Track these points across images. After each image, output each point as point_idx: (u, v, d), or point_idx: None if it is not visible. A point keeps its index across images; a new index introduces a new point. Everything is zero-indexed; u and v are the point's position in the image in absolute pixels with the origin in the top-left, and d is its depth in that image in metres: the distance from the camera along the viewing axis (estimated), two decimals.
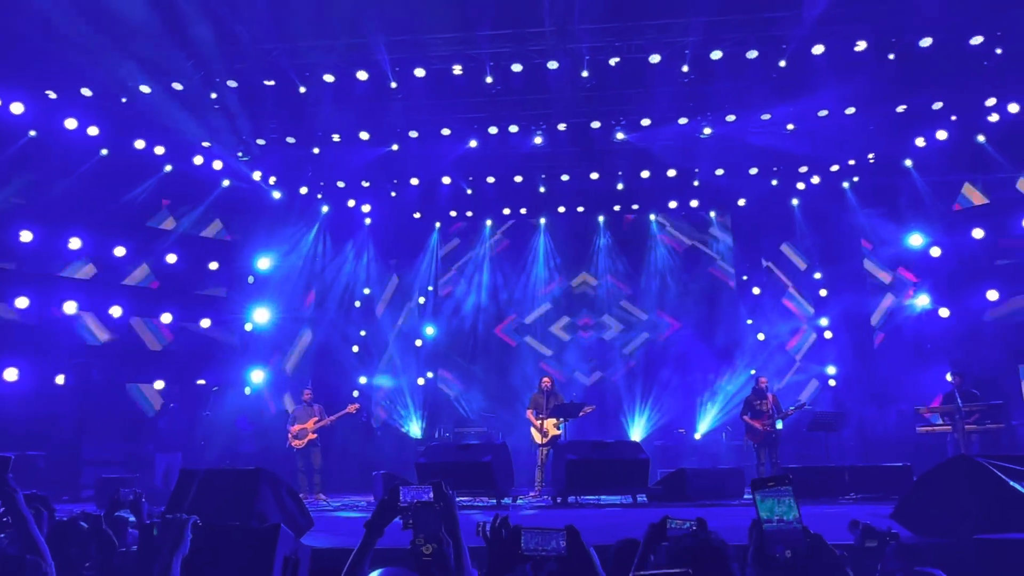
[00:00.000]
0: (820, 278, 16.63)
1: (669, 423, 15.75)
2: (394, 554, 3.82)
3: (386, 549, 3.34)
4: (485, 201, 16.58)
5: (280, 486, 5.58)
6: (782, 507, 2.17)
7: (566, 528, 2.27)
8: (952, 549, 4.33)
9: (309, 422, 12.29)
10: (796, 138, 13.99)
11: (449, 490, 3.16)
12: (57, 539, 4.62)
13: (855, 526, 3.76)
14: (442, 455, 10.49)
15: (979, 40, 11.60)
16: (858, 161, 15.05)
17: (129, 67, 11.86)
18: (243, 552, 3.89)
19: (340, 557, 4.81)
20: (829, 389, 15.86)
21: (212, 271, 14.83)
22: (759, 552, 2.33)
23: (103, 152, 13.09)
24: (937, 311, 13.99)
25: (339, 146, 14.40)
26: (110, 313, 13.25)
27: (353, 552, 3.13)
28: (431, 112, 13.45)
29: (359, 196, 16.54)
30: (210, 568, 3.67)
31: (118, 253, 13.43)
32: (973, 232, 13.48)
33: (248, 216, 15.31)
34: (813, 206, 16.43)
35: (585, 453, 10.08)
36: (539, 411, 11.74)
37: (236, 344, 14.77)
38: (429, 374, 17.03)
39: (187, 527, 2.84)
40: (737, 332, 16.69)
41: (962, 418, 10.54)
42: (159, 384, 13.61)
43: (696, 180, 15.80)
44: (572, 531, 2.25)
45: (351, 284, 17.01)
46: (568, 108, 13.58)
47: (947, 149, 13.52)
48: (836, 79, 12.30)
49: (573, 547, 2.22)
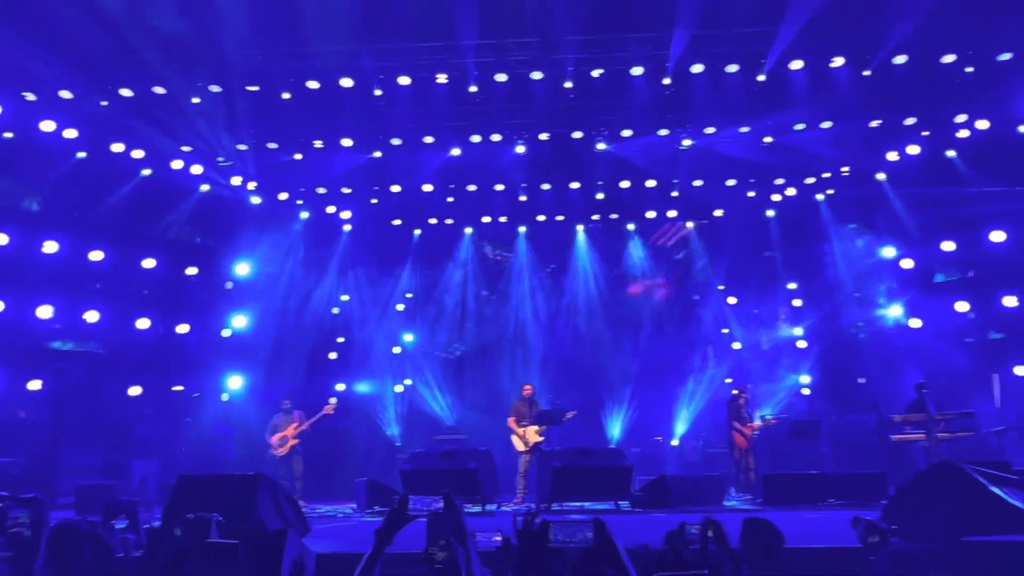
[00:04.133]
0: (795, 288, 16.94)
1: (647, 430, 15.90)
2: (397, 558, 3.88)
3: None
4: (466, 209, 16.64)
5: (278, 492, 5.58)
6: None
7: (593, 520, 2.35)
8: (942, 552, 4.48)
9: (289, 428, 12.23)
10: (773, 151, 14.28)
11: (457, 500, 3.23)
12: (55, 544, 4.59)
13: (857, 523, 3.89)
14: (427, 462, 10.50)
15: (951, 58, 11.99)
16: (833, 174, 15.39)
17: (110, 70, 11.79)
18: (252, 556, 3.90)
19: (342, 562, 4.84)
20: (803, 398, 16.14)
21: (190, 276, 14.68)
22: None
23: (80, 155, 12.93)
24: (908, 322, 14.34)
25: (321, 152, 14.37)
26: (85, 318, 13.05)
27: (364, 557, 3.18)
28: (415, 120, 13.50)
29: (339, 203, 16.50)
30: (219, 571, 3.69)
31: (95, 257, 13.24)
32: (944, 245, 13.85)
33: (227, 222, 15.17)
34: (788, 217, 16.76)
35: (570, 460, 10.16)
36: (521, 418, 11.79)
37: (214, 350, 14.61)
38: (407, 381, 17.00)
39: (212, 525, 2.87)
40: (714, 341, 16.92)
41: (934, 426, 10.81)
42: (136, 390, 13.42)
43: (675, 191, 16.03)
44: (599, 523, 2.34)
45: (330, 290, 16.94)
46: (551, 118, 13.72)
47: (919, 163, 13.88)
48: (813, 94, 12.63)
49: (600, 538, 2.30)
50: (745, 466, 12.32)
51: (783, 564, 3.82)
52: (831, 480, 10.40)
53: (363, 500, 10.52)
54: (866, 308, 15.56)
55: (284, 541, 4.13)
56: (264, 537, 4.07)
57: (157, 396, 13.60)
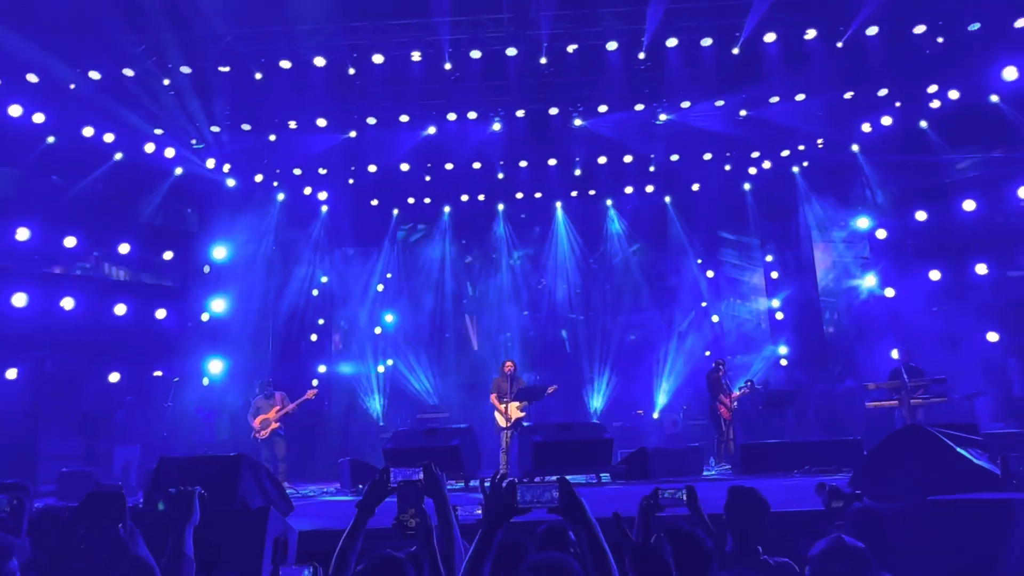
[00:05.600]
0: (771, 261, 17.15)
1: (629, 404, 16.10)
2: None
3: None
4: (443, 187, 16.62)
5: (261, 472, 5.64)
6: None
7: (558, 480, 2.40)
8: (908, 511, 4.64)
9: (271, 412, 12.25)
10: (748, 124, 14.38)
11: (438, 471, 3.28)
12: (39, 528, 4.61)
13: (822, 488, 3.99)
14: (409, 440, 10.58)
15: (922, 29, 12.09)
16: (807, 146, 15.53)
17: (77, 52, 11.60)
18: (235, 533, 3.97)
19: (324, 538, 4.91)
20: (781, 368, 16.40)
21: (167, 261, 14.57)
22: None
23: (50, 140, 12.74)
24: (883, 291, 14.56)
25: (296, 133, 14.29)
26: (62, 305, 12.93)
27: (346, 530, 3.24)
28: (389, 99, 13.44)
29: (316, 184, 16.43)
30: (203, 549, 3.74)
31: (68, 243, 13.10)
32: (917, 215, 14.05)
33: (203, 205, 15.09)
34: (764, 190, 16.92)
35: (551, 435, 10.29)
36: (502, 395, 11.90)
37: (193, 334, 14.56)
38: (389, 361, 17.05)
39: (195, 499, 2.92)
40: (693, 315, 17.11)
41: (908, 393, 11.04)
42: (115, 376, 13.37)
43: (652, 166, 16.12)
44: (564, 482, 2.39)
45: (308, 272, 16.91)
46: (526, 95, 13.71)
47: (892, 134, 14.03)
48: (787, 66, 12.70)
49: (566, 496, 2.36)
50: (726, 436, 12.54)
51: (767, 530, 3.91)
52: (807, 448, 10.60)
53: (347, 480, 10.59)
54: (841, 279, 15.77)
55: (266, 518, 4.20)
56: (247, 515, 4.13)
57: (137, 382, 13.54)
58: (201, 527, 3.13)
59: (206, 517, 3.11)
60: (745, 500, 4.04)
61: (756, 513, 3.99)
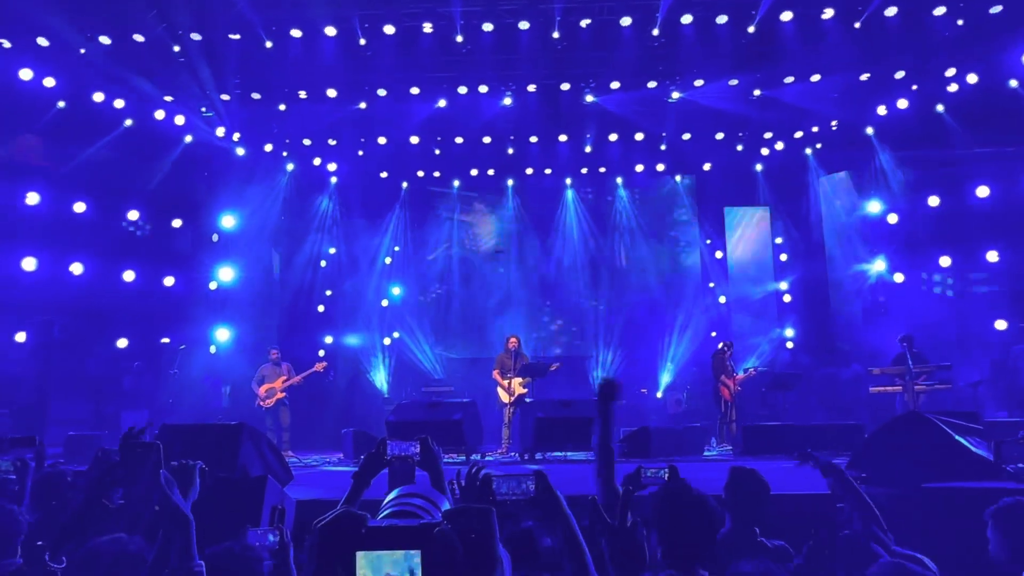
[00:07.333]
0: (781, 243, 17.07)
1: (633, 383, 16.13)
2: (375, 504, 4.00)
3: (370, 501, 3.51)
4: (453, 161, 16.56)
5: (261, 441, 5.71)
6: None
7: (535, 473, 2.40)
8: (902, 497, 4.66)
9: (277, 381, 12.37)
10: (762, 104, 14.23)
11: (435, 446, 3.29)
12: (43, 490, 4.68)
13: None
14: (412, 413, 10.66)
15: (942, 11, 11.88)
16: (821, 128, 15.36)
17: (87, 16, 11.56)
18: (232, 501, 4.03)
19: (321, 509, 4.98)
20: (787, 351, 16.38)
21: (176, 228, 14.64)
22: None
23: (60, 104, 12.75)
24: (893, 276, 14.49)
25: (306, 103, 14.21)
26: (71, 270, 13.04)
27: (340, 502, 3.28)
28: (400, 70, 13.36)
29: (325, 154, 16.40)
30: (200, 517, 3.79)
31: (78, 209, 13.18)
32: (930, 200, 13.93)
33: (212, 173, 15.09)
34: (776, 171, 16.78)
35: (552, 411, 10.35)
36: (505, 371, 11.96)
37: (201, 302, 14.66)
38: (396, 334, 17.13)
39: (196, 473, 2.95)
40: (700, 295, 17.08)
41: (912, 379, 11.02)
42: (123, 342, 13.50)
43: (663, 144, 16.01)
44: (540, 475, 2.39)
45: (317, 243, 16.95)
46: (538, 69, 13.60)
47: (907, 118, 13.86)
48: (803, 46, 12.52)
49: (541, 490, 2.36)
50: (728, 418, 12.59)
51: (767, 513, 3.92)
52: (809, 431, 10.62)
53: (350, 450, 10.70)
54: (850, 262, 15.68)
55: (264, 487, 4.26)
56: (245, 483, 4.19)
57: (144, 348, 13.67)
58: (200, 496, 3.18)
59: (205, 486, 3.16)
60: (745, 481, 4.05)
61: (756, 495, 4.00)
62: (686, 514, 2.93)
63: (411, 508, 2.12)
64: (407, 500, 2.17)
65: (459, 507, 1.78)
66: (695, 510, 2.97)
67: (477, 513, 1.65)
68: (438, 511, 2.16)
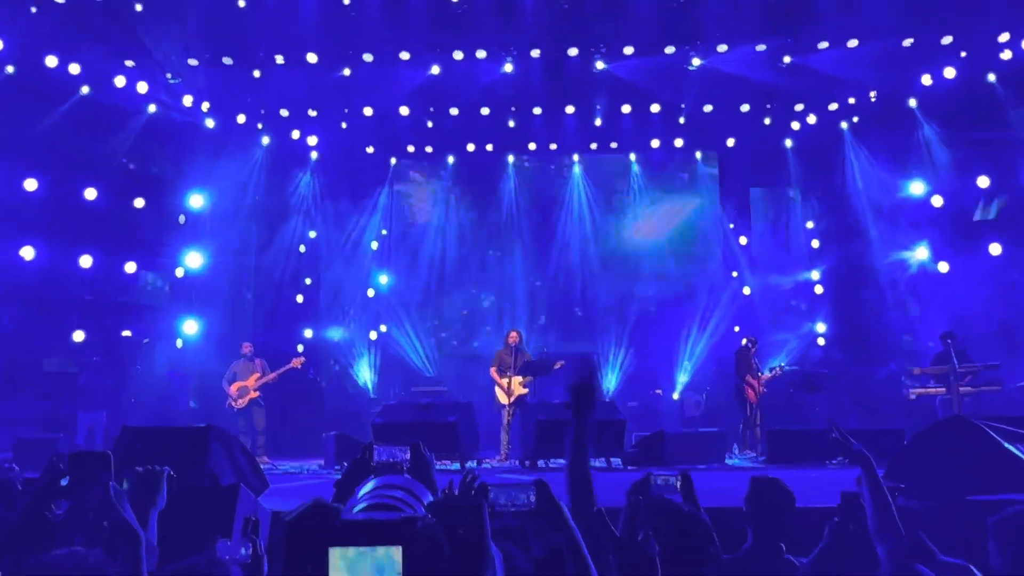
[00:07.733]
0: (812, 228, 17.04)
1: (647, 383, 16.17)
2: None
3: None
4: (447, 135, 16.54)
5: (232, 443, 5.73)
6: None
7: (535, 482, 2.40)
8: (945, 510, 4.67)
9: (250, 379, 12.40)
10: (792, 73, 14.18)
11: (428, 452, 3.29)
12: None
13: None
14: (401, 415, 10.69)
15: None
16: (859, 100, 15.30)
17: None
18: (201, 512, 4.04)
19: None
20: (818, 347, 16.39)
21: (138, 209, 14.62)
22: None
23: (8, 70, 12.70)
24: (937, 265, 14.47)
25: (283, 69, 14.15)
26: (21, 255, 13.02)
27: None
28: (388, 32, 13.30)
29: (305, 126, 16.34)
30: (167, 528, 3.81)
31: (29, 187, 13.13)
32: (979, 180, 13.88)
33: (179, 147, 15.05)
34: (808, 148, 16.74)
35: (556, 413, 10.35)
36: (504, 368, 11.97)
37: (166, 291, 14.67)
38: (383, 327, 17.14)
39: (163, 480, 2.96)
40: (722, 285, 17.06)
41: (956, 380, 11.04)
42: (79, 335, 13.50)
43: (682, 117, 15.96)
44: (542, 484, 2.39)
45: (295, 225, 16.94)
46: (543, 33, 13.55)
47: (955, 89, 13.80)
48: (839, 8, 12.47)
49: (543, 501, 2.36)
50: (752, 422, 12.63)
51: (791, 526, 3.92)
52: None
53: (331, 456, 10.73)
54: (889, 250, 15.66)
55: (236, 497, 4.27)
56: (215, 492, 4.21)
57: (103, 342, 13.68)
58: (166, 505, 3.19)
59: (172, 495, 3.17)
60: (768, 492, 4.05)
61: (779, 505, 4.00)
62: (779, 504, 2.93)
63: (390, 501, 2.12)
64: (386, 492, 2.17)
65: (446, 499, 1.78)
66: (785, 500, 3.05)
67: (466, 506, 1.65)
68: (421, 504, 2.17)
